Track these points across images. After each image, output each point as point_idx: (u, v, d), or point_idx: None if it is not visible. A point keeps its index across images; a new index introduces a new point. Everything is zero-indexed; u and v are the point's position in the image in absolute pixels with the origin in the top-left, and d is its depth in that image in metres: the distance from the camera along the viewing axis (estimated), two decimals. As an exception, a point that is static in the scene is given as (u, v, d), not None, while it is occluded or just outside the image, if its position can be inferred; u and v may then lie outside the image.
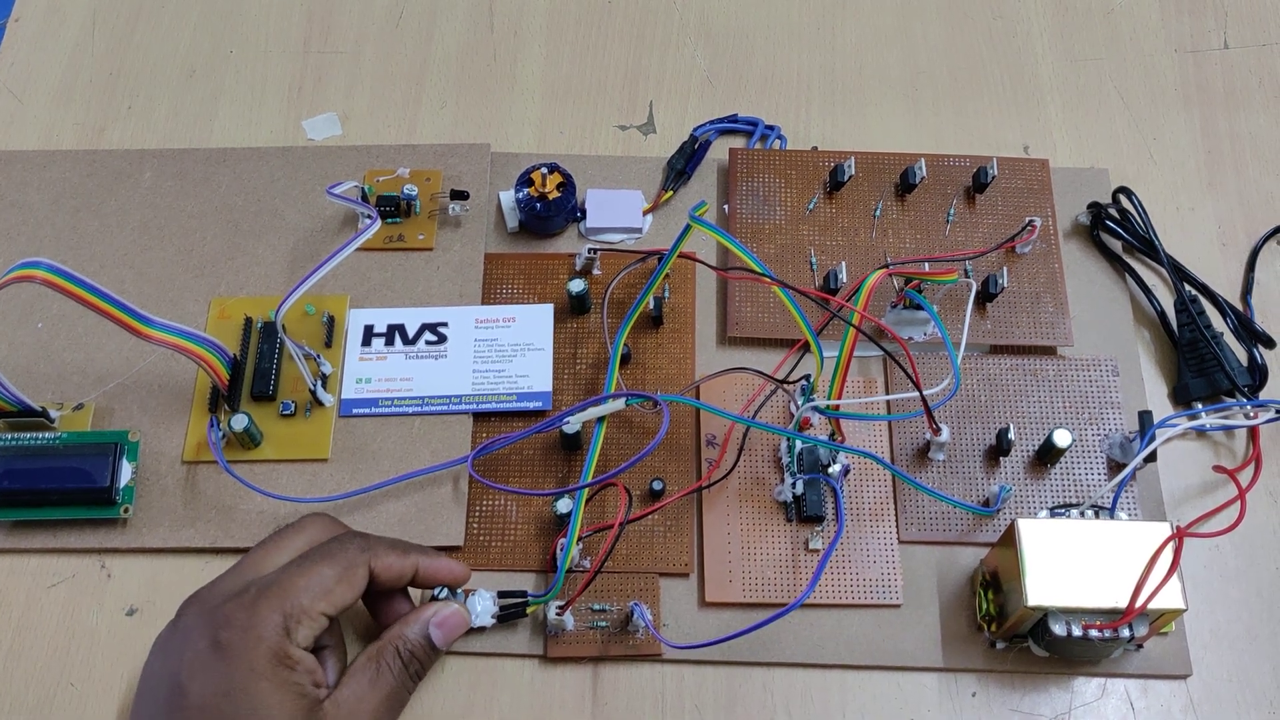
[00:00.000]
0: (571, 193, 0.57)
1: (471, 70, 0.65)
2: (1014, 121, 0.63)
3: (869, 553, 0.51)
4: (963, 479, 0.52)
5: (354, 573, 0.43)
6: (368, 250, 0.57)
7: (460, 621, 0.46)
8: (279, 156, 0.60)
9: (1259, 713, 0.48)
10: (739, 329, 0.56)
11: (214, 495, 0.51)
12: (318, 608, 0.41)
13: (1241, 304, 0.58)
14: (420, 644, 0.45)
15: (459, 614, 0.46)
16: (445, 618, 0.45)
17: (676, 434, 0.53)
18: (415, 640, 0.44)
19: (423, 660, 0.45)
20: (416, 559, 0.46)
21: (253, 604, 0.41)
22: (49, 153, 0.61)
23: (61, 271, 0.45)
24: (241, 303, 0.56)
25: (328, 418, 0.53)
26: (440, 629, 0.45)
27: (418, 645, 0.44)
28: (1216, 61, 0.65)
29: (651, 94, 0.64)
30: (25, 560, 0.51)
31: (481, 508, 0.52)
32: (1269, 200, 0.61)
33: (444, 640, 0.45)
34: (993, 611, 0.48)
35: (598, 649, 0.48)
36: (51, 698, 0.48)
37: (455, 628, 0.46)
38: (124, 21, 0.66)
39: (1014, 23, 0.66)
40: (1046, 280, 0.56)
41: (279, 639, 0.40)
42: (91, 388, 0.54)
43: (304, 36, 0.66)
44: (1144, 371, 0.56)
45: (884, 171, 0.59)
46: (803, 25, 0.66)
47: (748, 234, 0.58)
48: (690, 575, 0.50)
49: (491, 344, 0.55)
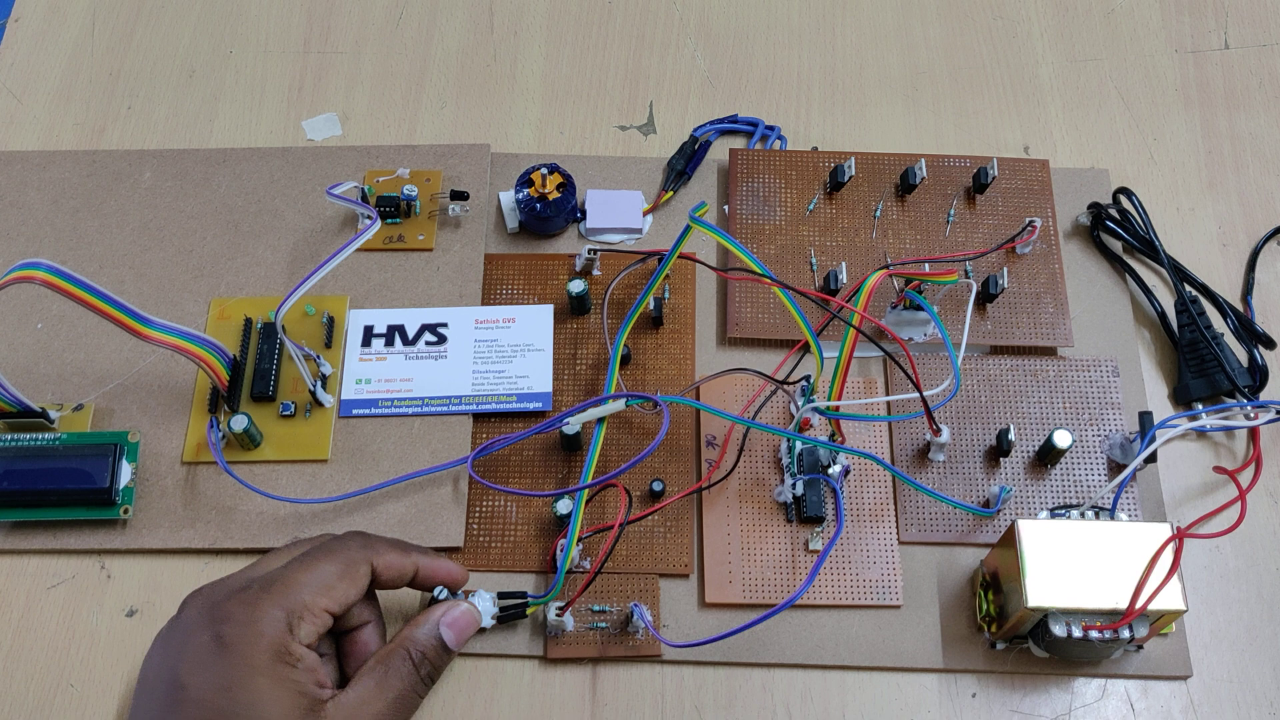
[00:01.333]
0: (571, 193, 0.57)
1: (471, 70, 0.65)
2: (1014, 122, 0.63)
3: (869, 553, 0.50)
4: (963, 480, 0.52)
5: (356, 570, 0.43)
6: (368, 251, 0.57)
7: (471, 621, 0.46)
8: (279, 157, 0.60)
9: (1259, 713, 0.48)
10: (739, 329, 0.56)
11: (214, 496, 0.51)
12: (319, 604, 0.41)
13: (1242, 304, 0.58)
14: (431, 645, 0.44)
15: (469, 613, 0.46)
16: (455, 617, 0.45)
17: (676, 435, 0.53)
18: (425, 641, 0.44)
19: (434, 661, 0.44)
20: (417, 559, 0.46)
21: (255, 600, 0.41)
22: (49, 153, 0.61)
23: (61, 272, 0.45)
24: (241, 303, 0.56)
25: (327, 418, 0.53)
26: (451, 629, 0.45)
27: (428, 646, 0.44)
28: (1216, 61, 0.65)
29: (651, 94, 0.64)
30: (25, 561, 0.51)
31: (481, 508, 0.52)
32: (1269, 200, 0.61)
33: (456, 640, 0.45)
34: (993, 612, 0.48)
35: (597, 650, 0.48)
36: (51, 698, 0.48)
37: (466, 627, 0.46)
38: (124, 21, 0.66)
39: (1014, 23, 0.66)
40: (1046, 281, 0.56)
41: (280, 635, 0.40)
42: (91, 388, 0.54)
43: (304, 36, 0.66)
44: (1144, 372, 0.56)
45: (884, 172, 0.59)
46: (803, 25, 0.66)
47: (748, 234, 0.58)
48: (690, 576, 0.50)
49: (491, 344, 0.55)
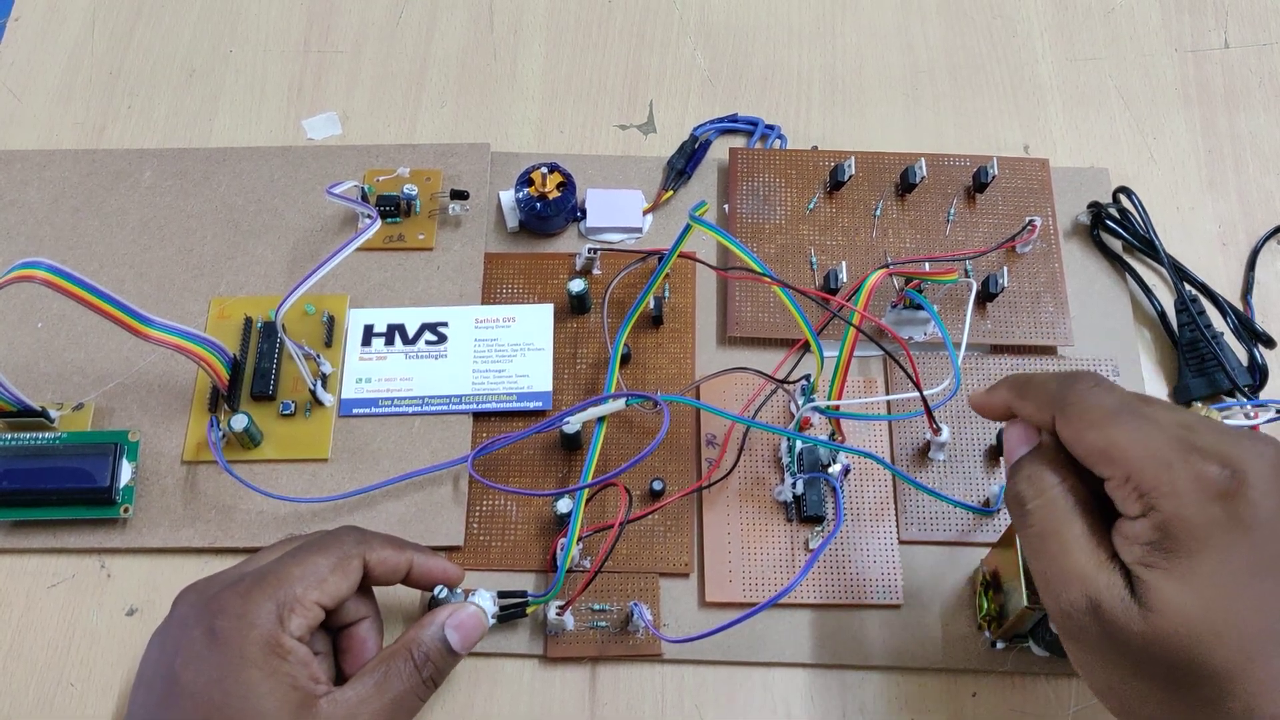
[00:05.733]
0: (571, 192, 0.57)
1: (471, 70, 0.65)
2: (1014, 121, 0.63)
3: (869, 553, 0.50)
4: (963, 479, 0.52)
5: (348, 563, 0.43)
6: (368, 250, 0.57)
7: (478, 624, 0.45)
8: (279, 156, 0.60)
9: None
10: (739, 329, 0.56)
11: (214, 495, 0.51)
12: (311, 597, 0.41)
13: (1242, 304, 0.58)
14: (435, 647, 0.43)
15: (476, 615, 0.45)
16: (462, 620, 0.45)
17: (676, 434, 0.53)
18: (429, 643, 0.43)
19: (438, 664, 0.43)
20: (411, 555, 0.45)
21: (246, 593, 0.41)
22: (48, 152, 0.61)
23: (61, 271, 0.45)
24: (241, 302, 0.56)
25: (327, 418, 0.53)
26: (457, 631, 0.44)
27: (433, 648, 0.43)
28: (1216, 61, 0.65)
29: (651, 94, 0.64)
30: (25, 560, 0.51)
31: (481, 508, 0.52)
32: (1269, 200, 0.61)
33: (462, 643, 0.44)
34: (993, 612, 0.48)
35: (597, 649, 0.48)
36: (51, 697, 0.48)
37: (473, 630, 0.45)
38: (124, 21, 0.66)
39: (1014, 22, 0.66)
40: (1047, 280, 0.56)
41: (272, 628, 0.40)
42: (91, 388, 0.54)
43: (304, 36, 0.66)
44: (1144, 371, 0.56)
45: (884, 171, 0.59)
46: (803, 25, 0.66)
47: (748, 234, 0.58)
48: (690, 575, 0.50)
49: (491, 344, 0.55)
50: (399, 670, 0.42)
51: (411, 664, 0.43)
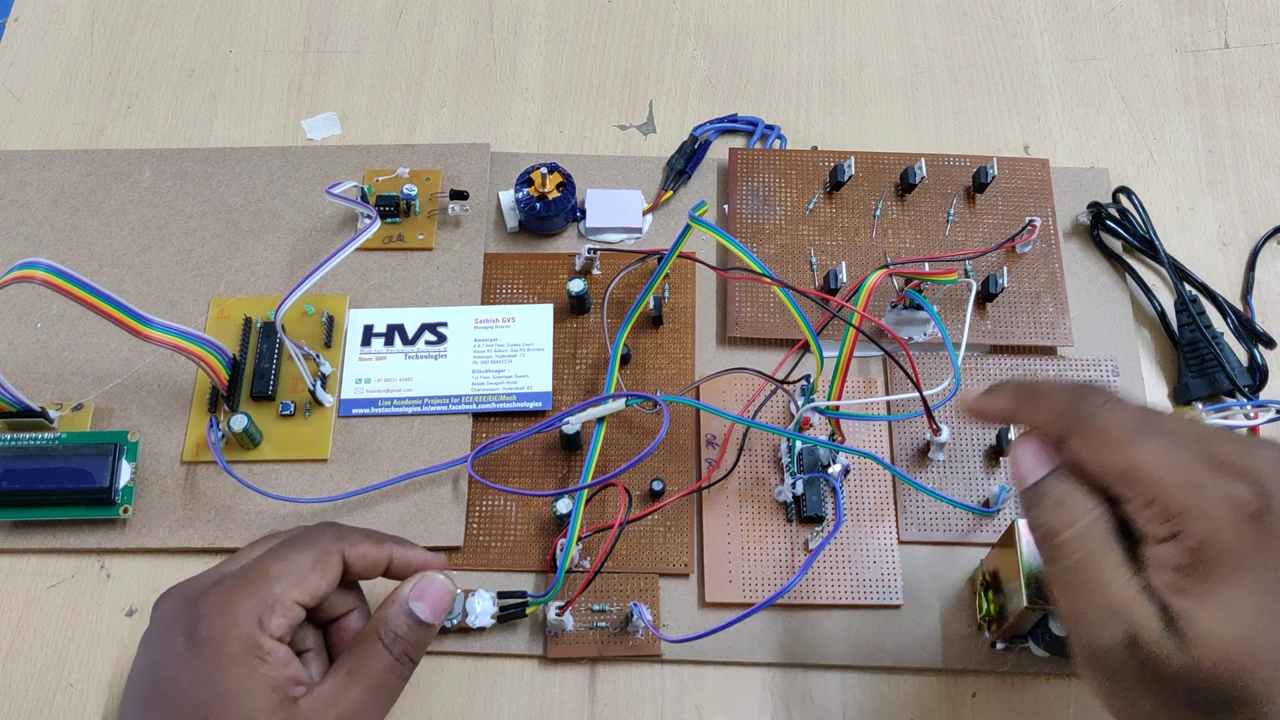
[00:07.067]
0: (571, 192, 0.57)
1: (471, 70, 0.65)
2: (1014, 121, 0.63)
3: (869, 553, 0.50)
4: (963, 479, 0.52)
5: (328, 560, 0.42)
6: (367, 250, 0.57)
7: (441, 590, 0.44)
8: (278, 156, 0.60)
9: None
10: (739, 329, 0.56)
11: (213, 495, 0.51)
12: (290, 596, 0.41)
13: (1242, 304, 0.58)
14: (403, 622, 0.42)
15: (437, 583, 0.44)
16: (424, 589, 0.43)
17: (676, 434, 0.53)
18: (395, 620, 0.42)
19: (409, 639, 0.42)
20: (390, 548, 0.45)
21: (226, 594, 0.40)
22: (48, 152, 0.61)
23: (61, 271, 0.45)
24: (241, 303, 0.56)
25: (327, 418, 0.53)
26: (422, 600, 0.43)
27: (399, 624, 0.42)
28: (1216, 61, 0.65)
29: (651, 94, 0.64)
30: (25, 560, 0.51)
31: (481, 508, 0.52)
32: (1269, 200, 0.61)
33: (430, 612, 0.43)
34: (993, 612, 0.48)
35: (597, 649, 0.48)
36: (50, 698, 0.48)
37: (438, 596, 0.43)
38: (124, 21, 0.66)
39: (1014, 23, 0.66)
40: (1046, 280, 0.56)
41: (252, 628, 0.40)
42: (91, 388, 0.54)
43: (304, 36, 0.66)
44: (1144, 371, 0.56)
45: (884, 171, 0.59)
46: (803, 25, 0.66)
47: (748, 234, 0.58)
48: (690, 575, 0.50)
49: (491, 344, 0.55)
50: (370, 654, 0.42)
51: (380, 645, 0.42)
